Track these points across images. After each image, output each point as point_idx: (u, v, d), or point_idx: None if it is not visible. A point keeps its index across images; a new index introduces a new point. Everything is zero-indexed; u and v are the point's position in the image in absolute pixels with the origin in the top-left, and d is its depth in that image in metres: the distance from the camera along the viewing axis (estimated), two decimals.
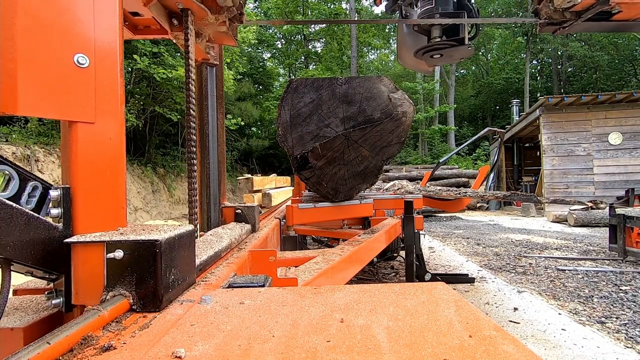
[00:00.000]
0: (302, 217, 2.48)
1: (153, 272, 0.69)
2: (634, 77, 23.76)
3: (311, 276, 1.26)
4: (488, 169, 5.79)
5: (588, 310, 2.90)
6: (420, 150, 23.04)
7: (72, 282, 0.71)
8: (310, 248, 3.92)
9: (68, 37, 0.71)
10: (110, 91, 0.78)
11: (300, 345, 0.53)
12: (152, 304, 0.69)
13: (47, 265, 0.69)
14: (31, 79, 0.65)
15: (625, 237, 4.41)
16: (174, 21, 1.46)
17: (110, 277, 0.69)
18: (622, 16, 1.61)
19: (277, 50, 26.42)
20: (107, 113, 0.77)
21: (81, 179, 0.74)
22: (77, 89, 0.72)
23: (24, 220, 0.64)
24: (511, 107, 16.95)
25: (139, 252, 0.69)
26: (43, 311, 0.78)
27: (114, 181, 0.79)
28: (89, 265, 0.70)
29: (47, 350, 0.50)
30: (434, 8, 1.64)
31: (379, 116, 2.17)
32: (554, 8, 1.55)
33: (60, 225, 0.71)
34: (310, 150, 2.13)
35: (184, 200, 13.07)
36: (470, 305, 0.66)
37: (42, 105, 0.67)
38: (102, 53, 0.77)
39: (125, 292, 0.69)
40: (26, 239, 0.64)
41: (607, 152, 9.77)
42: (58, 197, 0.72)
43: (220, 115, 1.81)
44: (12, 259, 0.63)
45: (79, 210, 0.74)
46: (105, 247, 0.69)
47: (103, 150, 0.77)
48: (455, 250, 5.61)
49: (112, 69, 0.78)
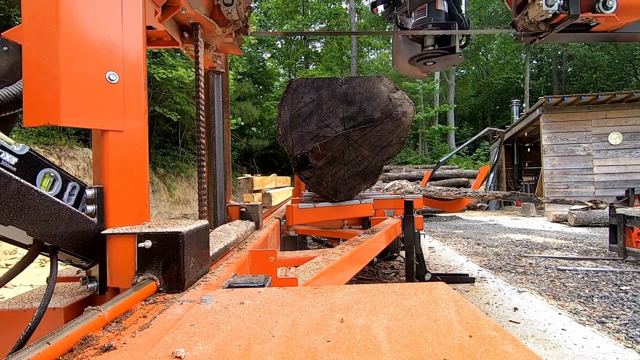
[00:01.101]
0: (302, 217, 2.48)
1: (177, 259, 0.80)
2: (634, 77, 23.76)
3: (311, 276, 1.26)
4: (488, 169, 5.79)
5: (588, 310, 2.90)
6: (420, 150, 23.05)
7: (108, 268, 0.81)
8: (310, 248, 3.92)
9: (101, 57, 0.82)
10: (136, 103, 0.89)
11: (300, 345, 0.53)
12: (176, 287, 0.80)
13: (85, 253, 0.79)
14: (71, 95, 0.76)
15: (626, 237, 4.41)
16: (185, 34, 1.57)
17: (141, 263, 0.80)
18: (601, 28, 1.70)
19: (277, 50, 26.40)
20: (133, 122, 0.88)
21: (112, 180, 0.85)
22: (109, 102, 0.83)
23: (68, 215, 0.73)
24: (511, 107, 16.95)
25: (165, 242, 0.79)
26: (78, 295, 0.87)
27: (140, 181, 0.90)
28: (122, 254, 0.81)
29: (47, 350, 0.50)
30: (427, 18, 1.75)
31: (379, 116, 2.17)
32: (529, 21, 1.65)
33: (95, 219, 0.81)
34: (310, 150, 2.13)
35: (183, 200, 13.07)
36: (470, 305, 0.66)
37: (80, 116, 0.78)
38: (129, 69, 0.88)
39: (153, 276, 0.79)
40: (69, 231, 0.74)
41: (607, 152, 9.77)
42: (93, 195, 0.82)
43: (225, 120, 1.90)
44: (59, 247, 0.73)
45: (110, 206, 0.84)
46: (136, 238, 0.80)
47: (130, 155, 0.88)
48: (455, 250, 5.61)
49: (137, 83, 0.90)
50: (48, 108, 0.73)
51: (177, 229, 0.80)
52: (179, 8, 1.32)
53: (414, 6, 1.81)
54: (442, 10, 1.77)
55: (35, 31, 0.75)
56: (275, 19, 25.29)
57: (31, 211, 0.65)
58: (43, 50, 0.74)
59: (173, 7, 1.30)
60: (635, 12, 1.66)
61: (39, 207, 0.66)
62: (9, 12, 7.99)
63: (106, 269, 0.82)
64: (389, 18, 2.30)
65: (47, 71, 0.74)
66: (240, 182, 6.03)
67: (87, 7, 0.80)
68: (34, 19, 0.75)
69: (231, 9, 1.58)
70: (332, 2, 25.01)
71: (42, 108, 0.74)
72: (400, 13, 2.16)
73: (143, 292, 0.75)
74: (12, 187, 0.61)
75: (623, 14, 1.63)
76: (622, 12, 1.61)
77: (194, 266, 0.85)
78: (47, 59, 0.74)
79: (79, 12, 0.78)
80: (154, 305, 0.73)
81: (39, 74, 0.74)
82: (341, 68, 23.65)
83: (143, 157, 0.91)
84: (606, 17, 1.61)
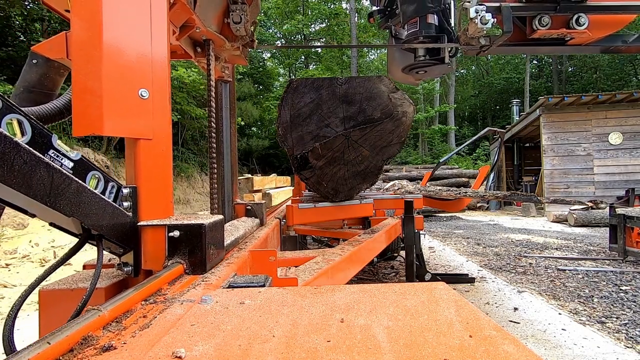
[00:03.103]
0: (302, 217, 2.48)
1: (200, 246, 0.94)
2: (634, 77, 23.76)
3: (311, 276, 1.27)
4: (488, 169, 5.79)
5: (588, 310, 2.90)
6: (420, 150, 23.04)
7: (142, 254, 0.96)
8: (310, 248, 3.92)
9: (135, 76, 0.97)
10: (162, 114, 1.03)
11: (300, 345, 0.53)
12: (199, 269, 0.94)
13: (123, 241, 0.92)
14: (111, 110, 0.91)
15: (626, 237, 4.41)
16: (197, 49, 1.75)
17: (170, 249, 0.94)
18: (575, 42, 1.86)
19: (277, 50, 26.42)
20: (160, 132, 1.03)
21: (143, 181, 0.99)
22: (141, 115, 0.98)
23: (111, 210, 0.87)
24: (511, 107, 16.93)
25: (190, 232, 0.94)
26: (114, 278, 1.00)
27: (166, 182, 1.06)
28: (155, 242, 0.95)
29: (47, 350, 0.50)
30: (419, 31, 1.89)
31: (379, 116, 2.17)
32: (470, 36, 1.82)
33: (130, 214, 0.95)
34: (310, 150, 2.13)
35: (183, 200, 13.08)
36: (471, 305, 0.66)
37: (118, 127, 0.93)
38: (157, 86, 1.02)
39: (181, 260, 0.94)
40: (112, 223, 0.87)
41: (607, 152, 9.77)
42: (128, 193, 0.96)
43: (232, 125, 2.03)
44: (104, 235, 0.86)
45: (142, 203, 0.99)
46: (166, 229, 0.94)
47: (158, 159, 1.03)
48: (456, 250, 5.61)
49: (164, 97, 1.04)
50: (93, 121, 0.90)
51: (200, 222, 0.94)
52: (194, 27, 1.48)
53: (407, 19, 1.94)
54: (433, 24, 1.91)
55: (82, 58, 0.91)
56: (275, 19, 25.29)
57: (86, 206, 0.78)
58: (89, 74, 0.90)
59: (189, 27, 1.46)
60: (606, 28, 1.84)
61: (91, 202, 0.80)
62: (9, 12, 7.99)
63: (140, 255, 0.96)
64: (384, 27, 2.43)
65: (92, 91, 0.90)
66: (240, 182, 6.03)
67: (123, 36, 0.95)
68: (81, 47, 0.91)
69: (239, 26, 1.76)
70: (332, 2, 25.01)
71: (89, 121, 0.90)
72: (395, 24, 2.31)
73: (173, 273, 0.89)
74: (74, 186, 0.74)
75: (595, 30, 1.80)
76: (594, 28, 1.79)
77: (213, 252, 1.00)
78: (93, 81, 0.90)
79: (117, 41, 0.94)
80: (154, 305, 0.73)
81: (86, 93, 0.90)
82: (341, 68, 23.63)
83: (168, 161, 1.07)
84: (579, 32, 1.77)
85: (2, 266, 4.51)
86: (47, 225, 6.02)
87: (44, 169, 0.67)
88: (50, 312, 0.91)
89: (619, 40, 1.94)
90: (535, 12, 1.75)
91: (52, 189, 0.69)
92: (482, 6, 1.73)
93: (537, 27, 1.76)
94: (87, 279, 0.99)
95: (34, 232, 5.66)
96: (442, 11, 1.91)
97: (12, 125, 0.68)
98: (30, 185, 0.64)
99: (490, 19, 1.72)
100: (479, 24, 1.72)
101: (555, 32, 1.78)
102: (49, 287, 0.94)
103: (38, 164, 0.66)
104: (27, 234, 5.63)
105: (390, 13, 2.31)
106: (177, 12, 1.33)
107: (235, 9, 1.76)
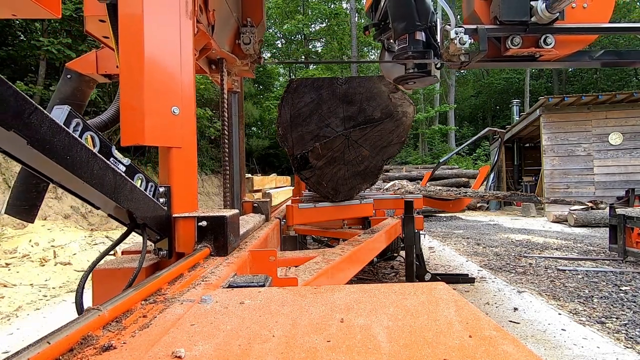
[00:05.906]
0: (302, 217, 2.48)
1: (223, 233, 1.16)
2: (634, 77, 23.76)
3: (311, 276, 1.27)
4: (488, 169, 5.79)
5: (588, 311, 2.90)
6: (420, 150, 23.03)
7: (175, 240, 1.16)
8: (310, 248, 3.92)
9: (169, 97, 1.17)
10: (189, 128, 1.25)
11: (300, 345, 0.53)
12: (222, 252, 1.16)
13: (161, 230, 1.12)
14: (150, 124, 1.12)
15: (626, 237, 4.41)
16: (212, 66, 2.01)
17: (199, 236, 1.15)
18: (544, 58, 2.10)
19: (278, 50, 26.38)
20: (188, 141, 1.24)
21: (175, 181, 1.20)
22: (173, 128, 1.18)
23: (153, 205, 1.06)
24: (511, 107, 16.93)
25: (215, 222, 1.16)
26: (150, 260, 1.18)
27: (192, 183, 1.27)
28: (186, 230, 1.16)
29: (47, 350, 0.50)
30: (408, 47, 2.09)
31: (379, 116, 2.17)
32: (451, 54, 2.03)
33: (165, 208, 1.15)
34: (310, 150, 2.13)
35: None
36: (470, 305, 0.66)
37: (156, 138, 1.14)
38: (185, 102, 1.22)
39: (207, 245, 1.14)
40: (153, 215, 1.06)
41: (607, 152, 9.77)
42: (163, 191, 1.15)
43: (241, 131, 2.25)
44: (147, 225, 1.05)
45: (174, 199, 1.19)
46: (196, 220, 1.15)
47: (186, 164, 1.24)
48: (455, 250, 5.61)
49: (191, 112, 1.26)
50: (137, 133, 1.11)
51: (222, 214, 1.17)
52: (211, 49, 1.70)
53: (397, 35, 2.15)
54: (420, 40, 2.10)
55: (128, 81, 1.12)
56: (275, 19, 25.27)
57: (137, 201, 0.96)
58: (133, 94, 1.11)
59: (207, 49, 1.69)
60: (571, 46, 2.10)
61: (140, 198, 0.98)
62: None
63: (173, 241, 1.16)
64: (378, 40, 2.71)
65: (136, 109, 1.11)
66: None
67: (160, 62, 1.16)
68: (128, 73, 1.12)
69: (249, 46, 2.03)
70: (332, 2, 24.99)
71: (133, 133, 1.11)
72: (387, 38, 2.61)
73: (202, 254, 1.09)
74: (129, 186, 0.92)
75: (561, 48, 2.06)
76: (560, 46, 2.04)
77: (232, 239, 1.21)
78: (136, 100, 1.11)
79: (156, 67, 1.14)
80: (154, 305, 0.73)
81: (131, 110, 1.11)
82: (341, 68, 23.62)
83: (194, 165, 1.28)
84: (547, 50, 2.01)
85: (2, 265, 4.51)
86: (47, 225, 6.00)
87: (111, 172, 0.85)
88: (102, 287, 1.10)
89: (585, 56, 2.22)
90: (508, 33, 1.99)
91: (115, 187, 0.87)
92: (461, 28, 1.96)
93: (510, 46, 2.00)
94: (128, 261, 1.19)
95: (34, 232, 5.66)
96: (428, 28, 2.11)
97: (87, 140, 0.85)
98: (102, 184, 0.83)
99: (467, 40, 1.96)
100: (458, 44, 1.95)
101: (526, 51, 2.03)
102: (101, 266, 1.12)
103: (107, 168, 0.84)
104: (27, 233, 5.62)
105: (384, 27, 2.59)
106: (198, 39, 1.54)
107: (245, 32, 2.02)
